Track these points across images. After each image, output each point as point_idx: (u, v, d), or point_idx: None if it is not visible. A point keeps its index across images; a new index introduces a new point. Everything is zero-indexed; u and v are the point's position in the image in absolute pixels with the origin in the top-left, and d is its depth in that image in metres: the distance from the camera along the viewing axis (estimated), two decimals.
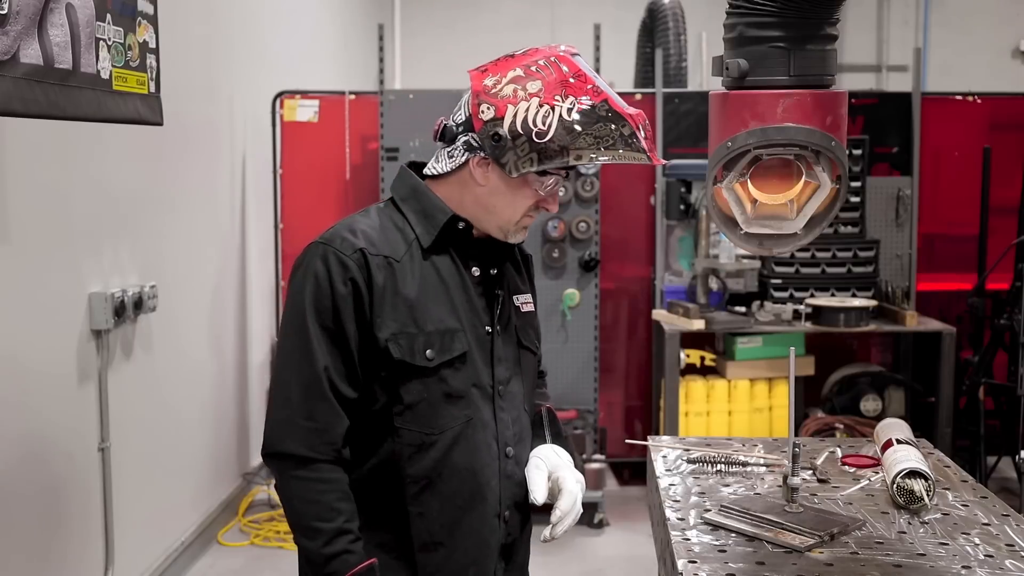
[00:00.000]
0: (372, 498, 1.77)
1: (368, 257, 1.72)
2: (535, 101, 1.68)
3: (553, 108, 1.67)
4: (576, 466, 1.91)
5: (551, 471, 1.85)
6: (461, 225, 1.79)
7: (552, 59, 1.72)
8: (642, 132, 1.69)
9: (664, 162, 1.72)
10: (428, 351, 1.73)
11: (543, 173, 1.74)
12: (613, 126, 1.67)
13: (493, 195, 1.77)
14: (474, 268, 1.82)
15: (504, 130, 1.69)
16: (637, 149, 1.68)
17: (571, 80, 1.69)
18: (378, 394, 1.73)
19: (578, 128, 1.67)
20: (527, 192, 1.76)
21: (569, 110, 1.67)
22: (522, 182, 1.74)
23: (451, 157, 1.78)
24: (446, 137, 1.79)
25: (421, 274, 1.76)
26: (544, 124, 1.67)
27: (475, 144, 1.73)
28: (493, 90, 1.71)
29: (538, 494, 1.81)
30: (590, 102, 1.68)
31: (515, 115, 1.68)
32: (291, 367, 1.72)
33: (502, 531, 1.84)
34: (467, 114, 1.74)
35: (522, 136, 1.68)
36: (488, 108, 1.70)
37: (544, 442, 1.93)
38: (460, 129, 1.76)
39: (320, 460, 1.69)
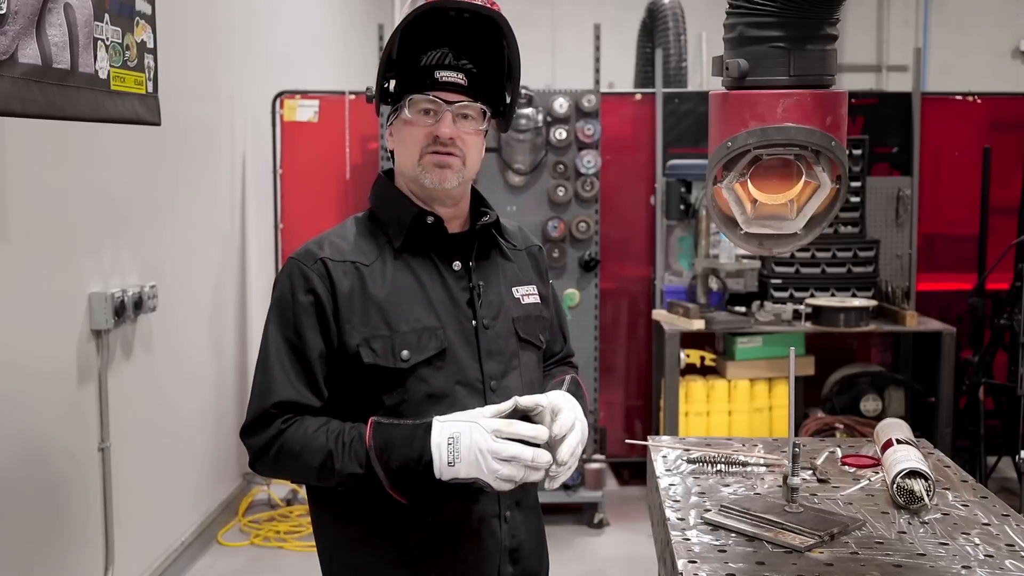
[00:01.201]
0: (367, 509, 1.75)
1: (329, 265, 1.73)
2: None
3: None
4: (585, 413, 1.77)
5: (551, 404, 1.67)
6: (430, 220, 1.79)
7: None
8: None
9: None
10: (404, 352, 1.70)
11: (409, 103, 1.76)
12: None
13: (398, 148, 1.82)
14: (455, 263, 1.81)
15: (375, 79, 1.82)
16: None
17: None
18: (357, 402, 1.71)
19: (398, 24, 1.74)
20: (413, 130, 1.77)
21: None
22: (405, 122, 1.78)
23: None
24: None
25: (393, 275, 1.75)
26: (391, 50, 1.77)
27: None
28: None
29: (523, 399, 1.65)
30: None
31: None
32: (255, 379, 1.74)
33: (505, 532, 1.81)
34: None
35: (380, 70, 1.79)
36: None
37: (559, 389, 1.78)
38: None
39: (277, 434, 1.69)
